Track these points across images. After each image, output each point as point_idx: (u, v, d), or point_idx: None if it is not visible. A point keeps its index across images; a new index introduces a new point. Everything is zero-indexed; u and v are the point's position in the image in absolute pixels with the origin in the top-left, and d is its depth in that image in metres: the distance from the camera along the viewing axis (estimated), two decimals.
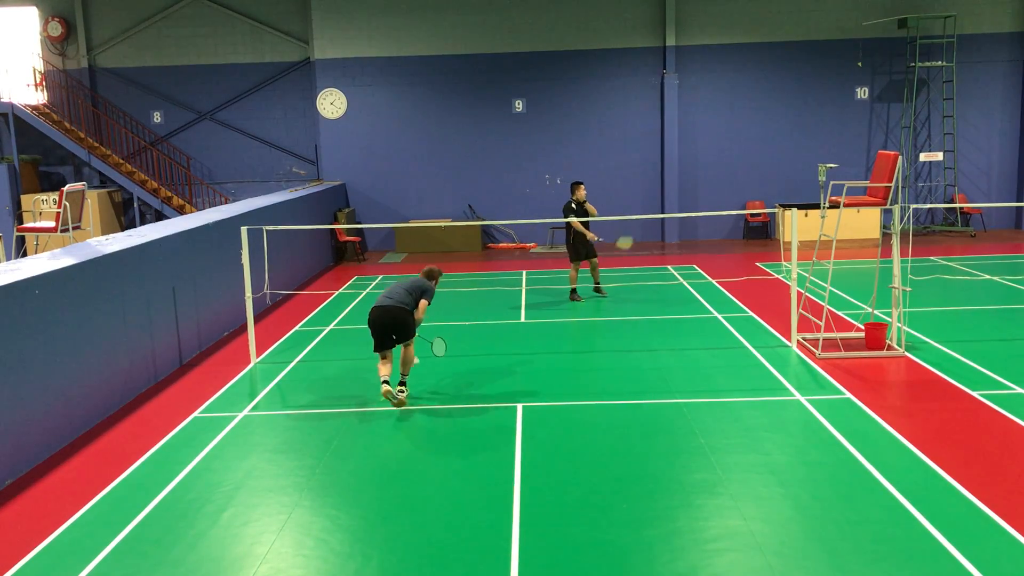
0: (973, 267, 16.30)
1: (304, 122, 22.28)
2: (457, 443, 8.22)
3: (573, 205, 14.38)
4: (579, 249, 14.43)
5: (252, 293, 11.50)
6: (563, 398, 9.44)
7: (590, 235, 14.31)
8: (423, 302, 9.41)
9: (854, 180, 17.52)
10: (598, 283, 14.86)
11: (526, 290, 15.71)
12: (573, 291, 14.63)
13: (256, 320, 12.72)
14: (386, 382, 9.17)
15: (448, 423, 8.83)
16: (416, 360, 9.76)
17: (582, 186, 14.52)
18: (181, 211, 21.32)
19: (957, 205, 15.85)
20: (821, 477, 7.13)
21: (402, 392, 9.27)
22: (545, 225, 21.37)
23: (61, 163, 22.29)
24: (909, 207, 11.81)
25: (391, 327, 9.21)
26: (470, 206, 21.83)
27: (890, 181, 10.62)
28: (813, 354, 10.71)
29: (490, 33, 21.42)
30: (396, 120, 21.75)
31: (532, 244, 21.63)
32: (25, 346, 7.99)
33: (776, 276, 15.86)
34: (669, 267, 17.74)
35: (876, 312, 11.70)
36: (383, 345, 9.28)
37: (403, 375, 9.40)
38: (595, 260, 14.63)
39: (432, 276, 9.73)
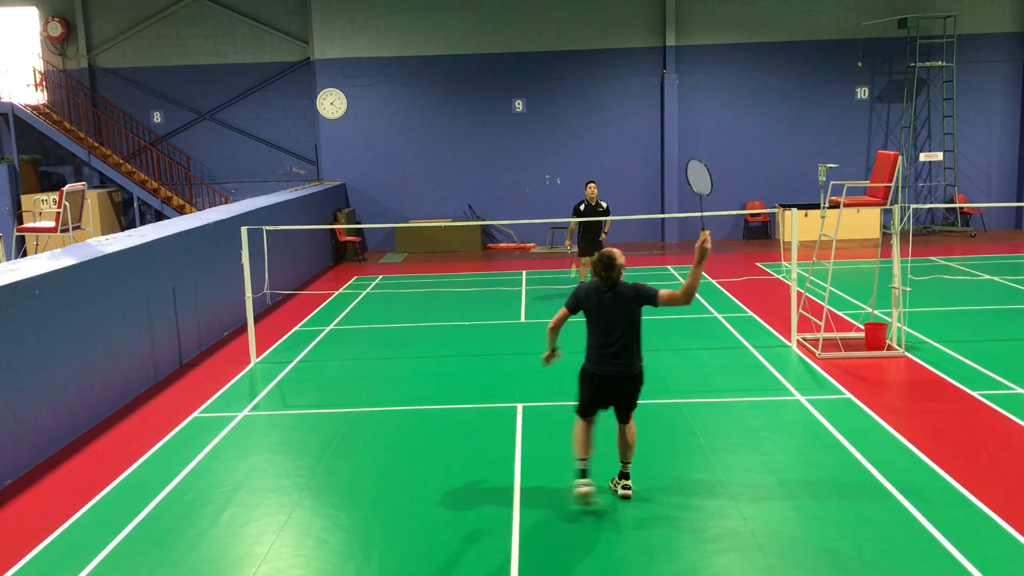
0: (973, 267, 16.30)
1: (304, 122, 22.28)
2: (457, 443, 8.21)
3: (581, 207, 14.51)
4: (583, 246, 14.58)
5: (252, 293, 11.50)
6: (563, 398, 9.42)
7: (569, 244, 14.83)
8: (658, 297, 6.59)
9: (854, 180, 17.52)
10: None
11: (526, 290, 15.71)
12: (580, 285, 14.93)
13: (256, 320, 12.73)
14: (585, 473, 6.67)
15: (448, 423, 8.82)
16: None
17: (591, 185, 14.54)
18: (181, 211, 21.32)
19: (957, 205, 15.84)
20: (821, 477, 7.12)
21: (627, 489, 6.80)
22: (545, 225, 21.37)
23: (61, 163, 22.29)
24: (909, 207, 11.81)
25: (618, 399, 6.78)
26: (470, 206, 21.82)
27: (890, 181, 10.62)
28: (813, 354, 10.71)
29: (490, 33, 21.42)
30: (396, 120, 21.75)
31: (532, 244, 21.62)
32: (25, 346, 7.99)
33: (776, 276, 15.85)
34: (669, 267, 17.73)
35: (876, 312, 11.70)
36: (594, 410, 6.85)
37: (626, 463, 6.90)
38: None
39: (614, 267, 6.67)
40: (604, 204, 14.65)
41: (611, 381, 6.64)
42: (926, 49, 20.91)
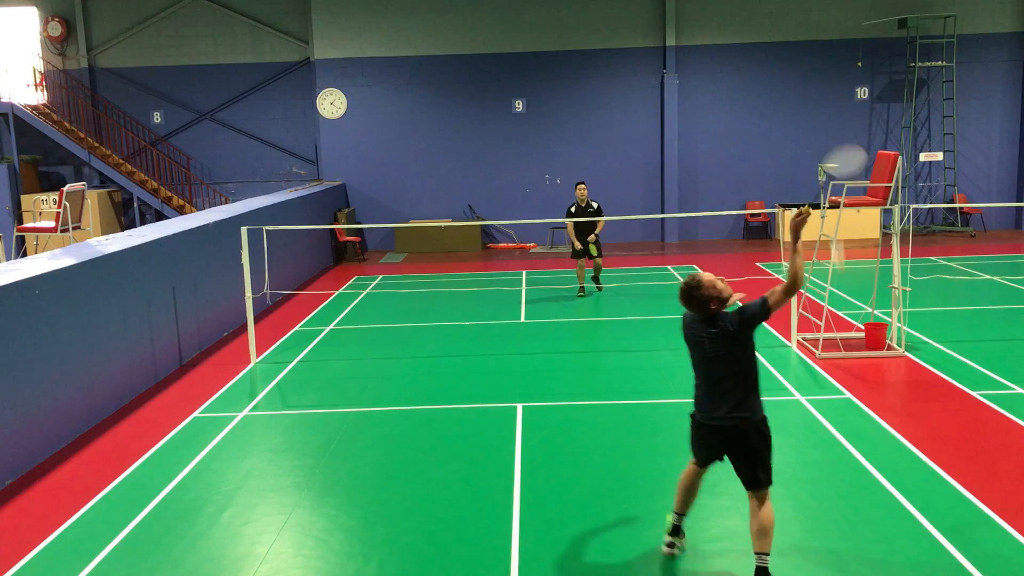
0: (973, 267, 16.30)
1: (304, 122, 22.28)
2: (457, 443, 8.21)
3: (572, 208, 14.57)
4: (578, 249, 14.59)
5: (252, 293, 11.50)
6: (563, 398, 9.44)
7: (576, 243, 14.46)
8: (767, 307, 5.40)
9: (854, 180, 17.51)
10: (595, 278, 15.08)
11: (526, 290, 15.72)
12: (581, 288, 14.86)
13: (256, 320, 12.73)
14: (676, 529, 5.87)
15: (448, 423, 8.82)
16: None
17: (581, 186, 14.57)
18: (181, 211, 21.32)
19: (957, 205, 15.83)
20: (821, 477, 7.12)
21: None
22: (545, 225, 21.37)
23: (61, 163, 22.29)
24: (909, 207, 11.81)
25: (732, 456, 5.52)
26: (470, 206, 21.82)
27: (890, 181, 10.62)
28: (813, 354, 10.71)
29: (490, 33, 21.42)
30: (396, 120, 21.75)
31: (532, 244, 21.62)
32: (25, 346, 7.99)
33: (776, 276, 15.85)
34: (669, 267, 17.73)
35: (876, 312, 11.70)
36: (702, 459, 5.75)
37: (760, 554, 5.36)
38: (598, 261, 14.76)
39: (691, 299, 5.44)
40: (595, 204, 14.64)
41: (716, 432, 5.46)
42: (926, 49, 20.91)
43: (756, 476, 5.40)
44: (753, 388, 5.44)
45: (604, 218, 14.50)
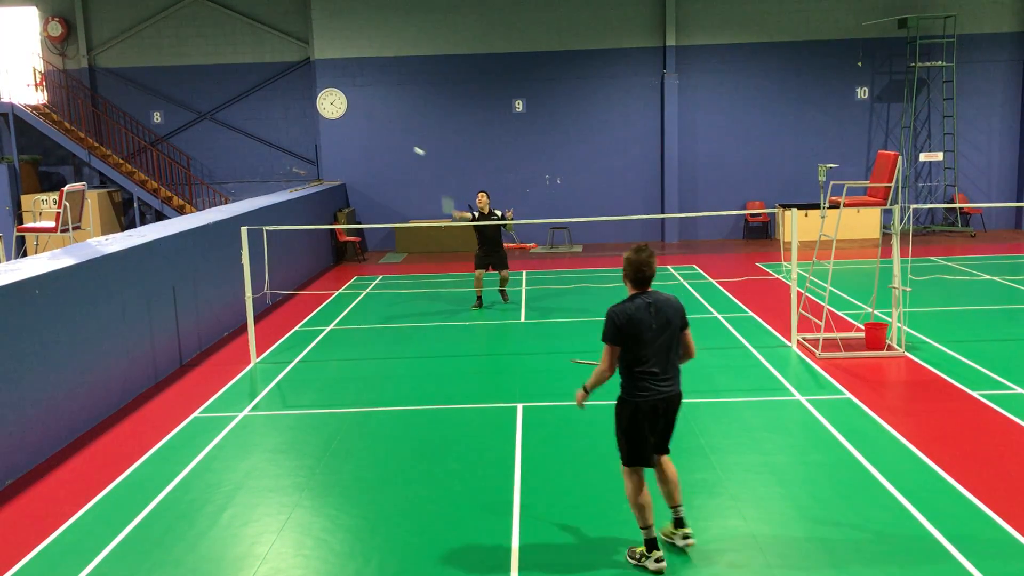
0: (973, 267, 16.30)
1: (304, 122, 22.28)
2: (457, 443, 8.22)
3: (475, 214, 14.26)
4: (481, 257, 14.22)
5: (252, 293, 11.50)
6: (563, 398, 9.43)
7: (456, 214, 14.44)
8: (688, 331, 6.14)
9: (854, 180, 17.52)
10: (502, 290, 14.57)
11: (526, 290, 15.71)
12: (479, 298, 14.28)
13: (256, 320, 12.72)
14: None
15: (448, 423, 8.82)
16: None
17: (482, 194, 14.27)
18: (181, 211, 21.32)
19: (957, 205, 15.82)
20: (821, 477, 7.12)
21: (688, 537, 5.97)
22: (545, 225, 21.36)
23: (61, 163, 22.29)
24: (909, 207, 11.82)
25: (668, 428, 6.03)
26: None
27: (890, 181, 10.62)
28: (813, 354, 10.71)
29: (490, 33, 21.42)
30: (396, 120, 21.75)
31: (532, 244, 21.60)
32: (25, 346, 7.99)
33: (776, 276, 15.85)
34: (669, 267, 17.73)
35: (876, 312, 11.70)
36: (650, 455, 5.92)
37: (677, 505, 6.07)
38: (503, 273, 14.35)
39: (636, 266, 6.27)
40: (499, 212, 14.34)
41: (666, 402, 5.88)
42: (926, 49, 20.91)
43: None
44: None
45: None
